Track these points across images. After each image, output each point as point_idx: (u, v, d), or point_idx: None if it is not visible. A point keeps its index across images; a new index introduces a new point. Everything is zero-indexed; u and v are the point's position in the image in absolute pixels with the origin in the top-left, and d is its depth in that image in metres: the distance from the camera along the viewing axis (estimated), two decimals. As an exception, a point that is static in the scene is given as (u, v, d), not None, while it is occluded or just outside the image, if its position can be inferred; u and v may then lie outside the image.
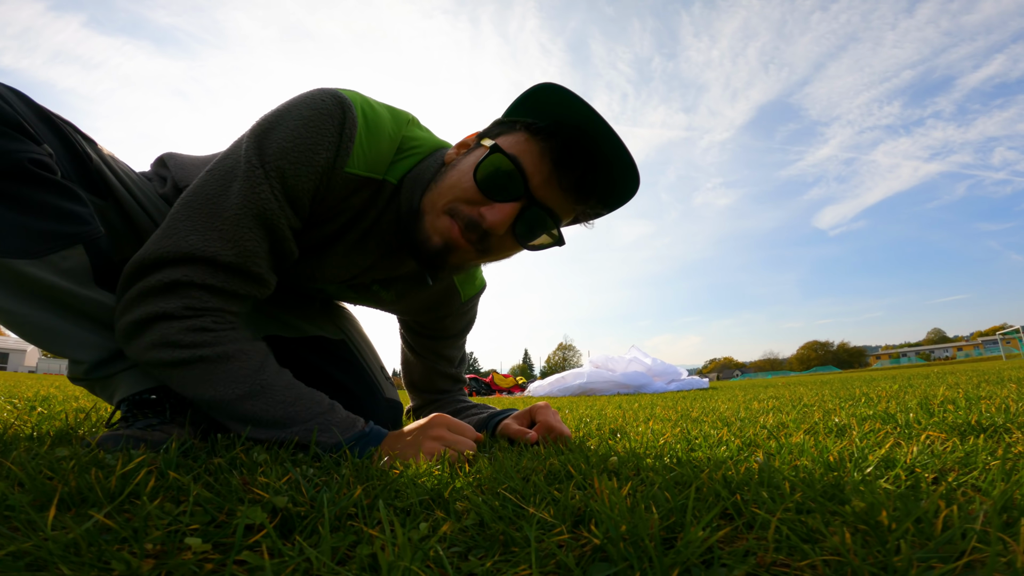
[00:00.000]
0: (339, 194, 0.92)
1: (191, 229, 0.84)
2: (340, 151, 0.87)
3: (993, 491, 0.52)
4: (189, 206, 0.86)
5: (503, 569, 0.41)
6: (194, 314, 0.85)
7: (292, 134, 0.84)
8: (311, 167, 0.85)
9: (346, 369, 1.28)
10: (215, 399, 0.84)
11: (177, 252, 0.83)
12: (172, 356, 0.83)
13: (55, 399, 2.04)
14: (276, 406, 0.85)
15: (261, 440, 0.86)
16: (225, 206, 0.84)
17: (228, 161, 0.87)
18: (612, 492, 0.54)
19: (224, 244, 0.84)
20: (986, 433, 0.94)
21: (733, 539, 0.46)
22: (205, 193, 0.86)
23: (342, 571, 0.39)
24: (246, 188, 0.84)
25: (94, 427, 1.14)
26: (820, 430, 1.12)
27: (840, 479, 0.60)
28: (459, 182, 0.89)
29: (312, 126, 0.85)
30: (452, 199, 0.89)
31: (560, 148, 0.88)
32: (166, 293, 0.84)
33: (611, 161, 0.88)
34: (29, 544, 0.40)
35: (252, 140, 0.86)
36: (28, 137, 0.79)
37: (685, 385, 6.48)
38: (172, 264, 0.84)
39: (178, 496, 0.55)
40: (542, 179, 0.88)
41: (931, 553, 0.39)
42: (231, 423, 0.87)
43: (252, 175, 0.84)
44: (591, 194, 0.93)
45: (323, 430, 0.85)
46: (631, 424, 1.50)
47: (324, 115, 0.85)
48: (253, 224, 0.85)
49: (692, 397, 3.38)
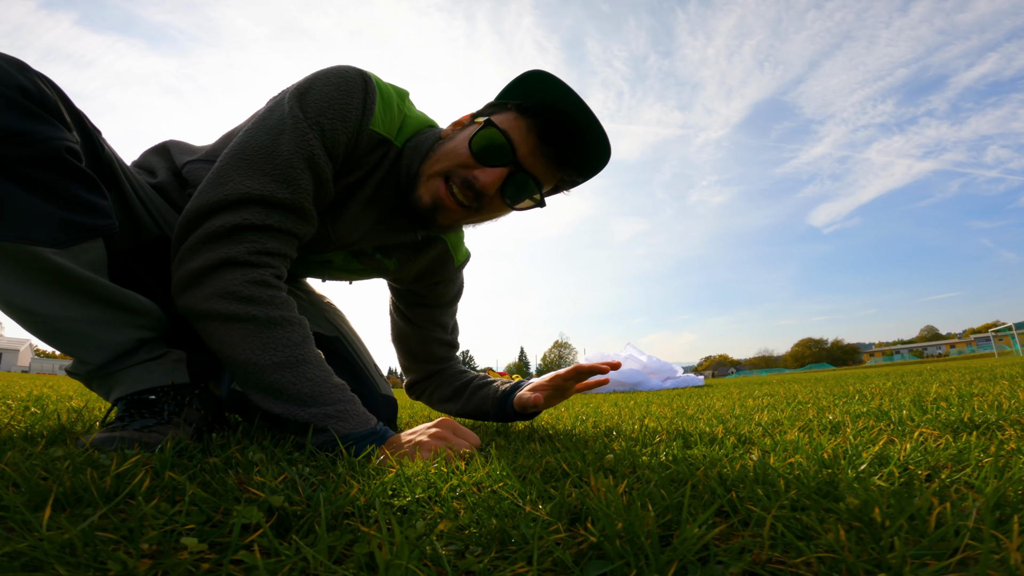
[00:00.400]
0: (363, 150, 1.03)
1: (246, 175, 0.91)
2: (366, 112, 0.99)
3: (986, 488, 0.53)
4: (239, 157, 0.93)
5: (500, 566, 0.41)
6: (256, 261, 0.91)
7: (328, 95, 0.95)
8: (345, 123, 0.96)
9: (341, 365, 1.32)
10: (250, 361, 0.87)
11: (236, 195, 0.89)
12: (228, 309, 0.87)
13: (48, 399, 2.03)
14: (304, 382, 0.88)
15: (277, 414, 0.88)
16: (278, 153, 0.92)
17: (270, 119, 0.95)
18: (608, 490, 0.54)
19: (279, 185, 0.91)
20: (979, 430, 0.95)
21: (729, 536, 0.47)
22: (254, 145, 0.93)
23: (339, 570, 0.39)
24: (295, 137, 0.92)
25: (88, 427, 1.13)
26: (814, 427, 1.13)
27: (834, 476, 0.60)
28: (455, 150, 1.03)
29: (343, 89, 0.96)
30: (449, 164, 1.02)
31: (544, 125, 1.02)
32: (229, 237, 0.89)
33: (587, 137, 1.04)
34: (25, 544, 0.39)
35: (294, 100, 0.94)
36: (64, 125, 0.80)
37: (680, 383, 6.50)
38: (231, 208, 0.90)
39: (174, 496, 0.54)
40: (528, 150, 1.02)
41: (925, 550, 0.39)
42: (254, 392, 0.89)
43: (299, 127, 0.92)
44: (569, 164, 1.08)
45: (340, 418, 0.87)
46: (627, 422, 1.50)
47: (351, 82, 0.97)
48: (304, 166, 0.93)
49: (687, 394, 3.39)
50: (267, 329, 0.89)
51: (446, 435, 0.89)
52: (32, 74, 0.78)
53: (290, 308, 0.93)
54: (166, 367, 0.94)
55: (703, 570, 0.39)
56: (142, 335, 0.92)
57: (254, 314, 0.88)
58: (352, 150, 1.01)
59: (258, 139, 0.93)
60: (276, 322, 0.90)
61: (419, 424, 0.99)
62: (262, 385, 0.88)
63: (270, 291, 0.91)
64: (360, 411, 0.91)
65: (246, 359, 0.87)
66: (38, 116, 0.76)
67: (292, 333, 0.91)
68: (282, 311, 0.91)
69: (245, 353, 0.87)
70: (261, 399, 0.88)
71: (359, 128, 0.99)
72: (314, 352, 0.93)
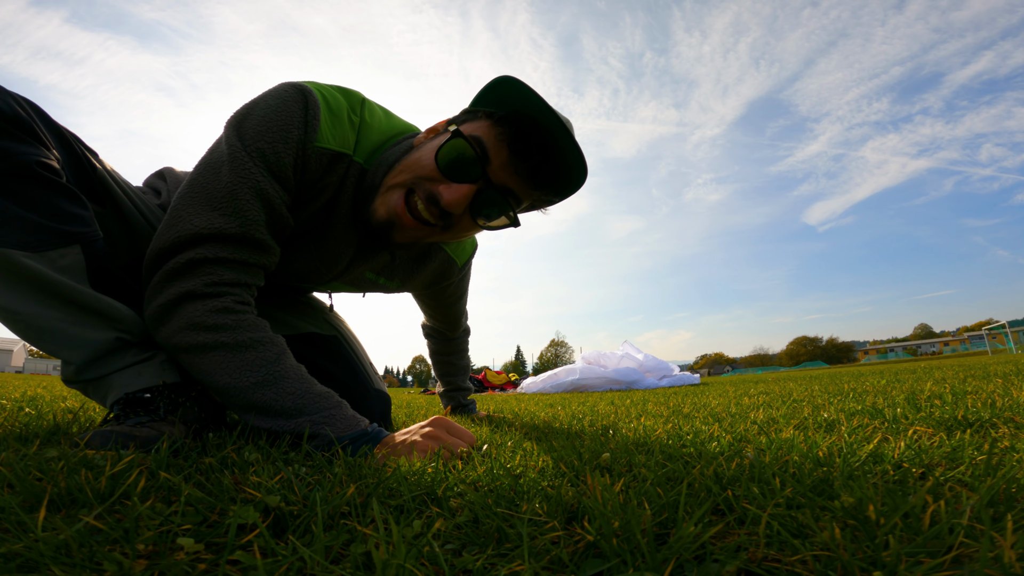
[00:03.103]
0: (315, 170, 0.99)
1: (194, 214, 0.90)
2: (308, 128, 0.95)
3: (980, 486, 0.53)
4: (187, 196, 0.92)
5: (497, 565, 0.41)
6: (215, 291, 0.91)
7: (264, 118, 0.93)
8: (287, 144, 0.93)
9: (339, 363, 1.36)
10: (230, 385, 0.88)
11: (186, 234, 0.90)
12: (198, 339, 0.89)
13: (43, 399, 2.02)
14: (287, 396, 0.89)
15: (266, 429, 0.88)
16: (219, 187, 0.91)
17: (213, 154, 0.94)
18: (605, 488, 0.54)
19: (226, 219, 0.91)
20: (972, 428, 0.96)
21: (725, 535, 0.47)
22: (199, 183, 0.92)
23: (336, 570, 0.39)
24: (235, 168, 0.91)
25: (83, 428, 1.13)
26: (809, 425, 1.13)
27: (829, 474, 0.60)
28: (420, 161, 0.97)
29: (281, 110, 0.93)
30: (413, 176, 0.97)
31: (516, 136, 0.95)
32: (186, 273, 0.90)
33: (565, 154, 0.97)
34: (20, 545, 0.39)
35: (231, 130, 0.93)
36: (39, 143, 0.84)
37: (676, 381, 6.51)
38: (184, 247, 0.90)
39: (169, 496, 0.54)
40: (500, 163, 0.96)
41: (919, 548, 0.39)
42: (241, 412, 0.90)
43: (237, 157, 0.91)
44: (545, 183, 1.01)
45: (329, 423, 0.88)
46: (623, 420, 1.51)
47: (289, 100, 0.94)
48: (249, 196, 0.91)
49: (683, 393, 3.40)
50: (239, 352, 0.90)
51: (440, 434, 0.89)
52: (8, 97, 0.83)
53: (259, 328, 0.93)
54: (156, 368, 0.94)
55: (699, 568, 0.39)
56: (120, 335, 0.92)
57: (223, 340, 0.89)
58: (303, 171, 0.97)
59: (203, 175, 0.92)
60: (246, 344, 0.90)
61: (416, 422, 0.99)
62: (247, 405, 0.89)
63: (234, 316, 0.91)
64: (348, 415, 0.91)
65: (226, 383, 0.88)
66: (10, 134, 0.81)
67: (265, 352, 0.91)
68: (251, 333, 0.92)
69: (224, 378, 0.88)
70: (250, 417, 0.89)
71: (303, 146, 0.95)
72: (291, 366, 0.93)
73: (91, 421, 1.22)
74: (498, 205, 0.99)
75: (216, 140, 0.98)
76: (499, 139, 0.95)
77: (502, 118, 0.96)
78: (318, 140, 0.95)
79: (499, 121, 0.96)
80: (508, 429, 1.38)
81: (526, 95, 0.93)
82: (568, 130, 0.93)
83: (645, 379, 6.23)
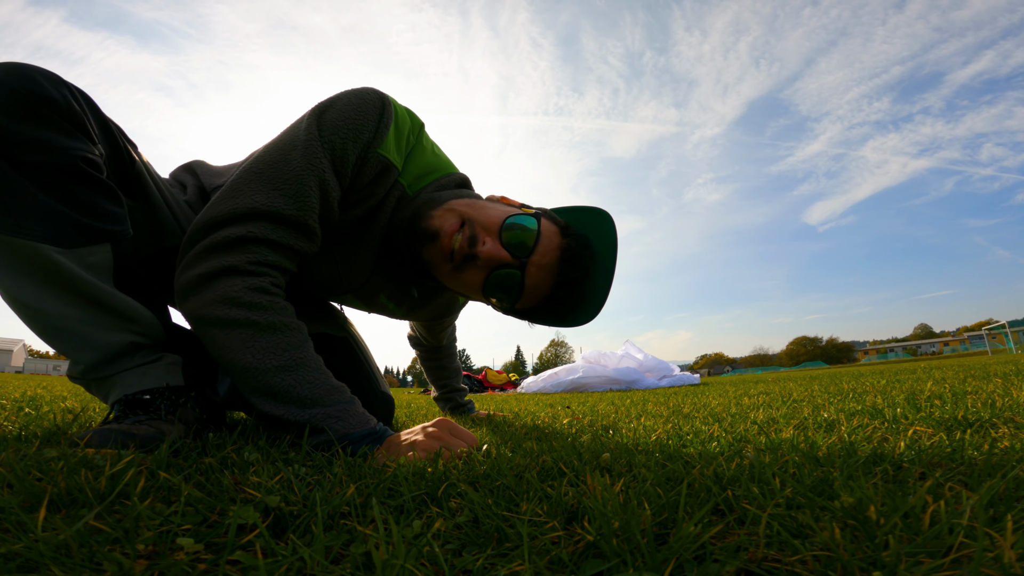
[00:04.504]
0: (367, 175, 1.03)
1: (256, 190, 0.93)
2: (378, 133, 1.00)
3: (980, 486, 0.53)
4: (251, 173, 0.95)
5: (497, 565, 0.41)
6: (256, 270, 0.92)
7: (343, 114, 0.97)
8: (356, 142, 0.97)
9: (348, 364, 1.37)
10: (250, 365, 0.88)
11: (244, 208, 0.91)
12: (228, 314, 0.89)
13: (42, 399, 2.02)
14: (304, 385, 0.89)
15: (277, 416, 0.88)
16: (287, 169, 0.94)
17: (287, 137, 0.97)
18: (605, 488, 0.54)
19: (286, 200, 0.93)
20: (972, 428, 0.95)
21: (725, 535, 0.47)
22: (267, 161, 0.95)
23: (336, 570, 0.39)
24: (307, 154, 0.94)
25: (83, 427, 1.13)
26: (809, 425, 1.13)
27: (829, 474, 0.60)
28: (487, 211, 1.03)
29: (360, 109, 0.98)
30: (475, 216, 1.02)
31: (569, 257, 1.02)
32: (232, 248, 0.91)
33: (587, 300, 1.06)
34: (20, 545, 0.39)
35: (312, 119, 0.97)
36: (87, 138, 0.85)
37: (677, 381, 6.51)
38: (239, 220, 0.92)
39: (169, 496, 0.54)
40: (541, 260, 1.02)
41: (919, 548, 0.39)
42: (254, 396, 0.90)
43: (311, 145, 0.94)
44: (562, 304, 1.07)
45: (340, 418, 0.88)
46: (623, 420, 1.51)
47: (368, 102, 0.99)
48: (313, 183, 0.95)
49: (683, 393, 3.40)
50: (266, 334, 0.89)
51: (442, 435, 0.89)
52: (63, 87, 0.83)
53: (288, 313, 0.94)
54: (160, 370, 0.95)
55: (699, 568, 0.39)
56: (135, 339, 0.93)
57: (254, 319, 0.89)
58: (358, 173, 1.01)
59: (271, 155, 0.96)
60: (275, 327, 0.91)
61: (417, 423, 0.99)
62: (262, 389, 0.88)
63: (269, 297, 0.92)
64: (360, 412, 0.92)
65: (246, 363, 0.88)
66: (61, 128, 0.82)
67: (291, 337, 0.92)
68: (281, 316, 0.92)
69: (245, 357, 0.88)
70: (262, 402, 0.89)
71: (367, 148, 0.99)
72: (313, 355, 0.93)
73: (91, 421, 1.23)
74: (509, 292, 1.04)
75: (292, 124, 1.01)
76: (558, 247, 1.03)
77: (573, 234, 1.05)
78: (381, 147, 1.00)
79: (567, 234, 1.04)
80: (508, 429, 1.38)
81: (605, 231, 1.05)
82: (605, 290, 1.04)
83: (645, 379, 6.22)
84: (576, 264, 1.02)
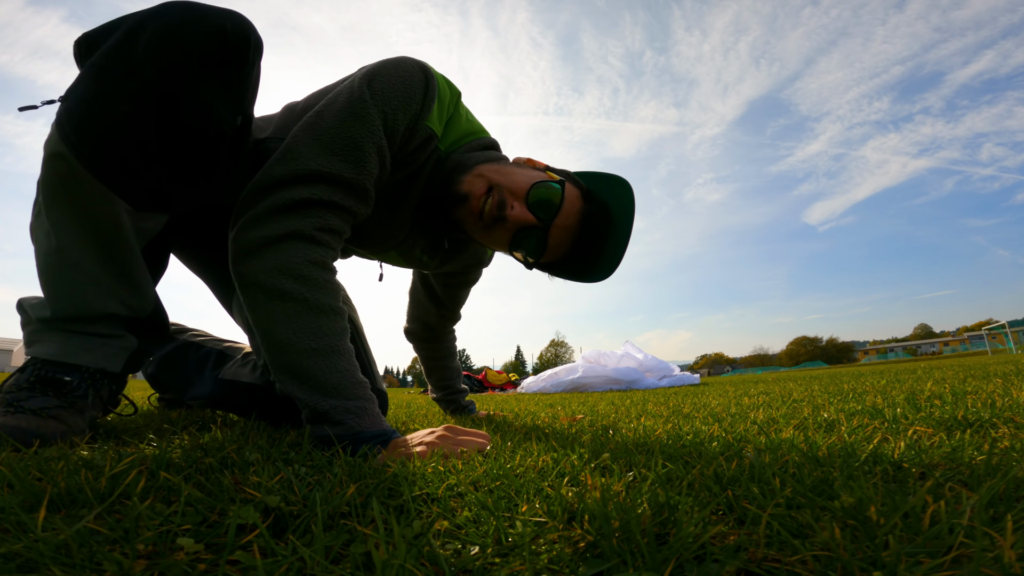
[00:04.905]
0: (412, 144, 1.06)
1: (316, 153, 0.94)
2: (425, 107, 1.04)
3: (980, 486, 0.53)
4: (308, 136, 0.96)
5: (497, 564, 0.41)
6: (319, 238, 0.93)
7: (393, 84, 0.99)
8: (406, 113, 1.01)
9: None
10: (288, 342, 0.88)
11: (304, 170, 0.92)
12: (282, 285, 0.88)
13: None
14: (333, 373, 0.89)
15: (298, 398, 0.89)
16: (345, 135, 0.95)
17: (341, 100, 0.98)
18: (605, 488, 0.54)
19: (346, 164, 0.95)
20: (972, 428, 0.95)
21: (725, 535, 0.47)
22: (324, 125, 0.96)
23: (336, 570, 0.39)
24: (365, 119, 0.96)
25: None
26: (809, 425, 1.13)
27: (829, 474, 0.60)
28: (514, 176, 1.09)
29: (408, 82, 1.01)
30: (502, 181, 1.08)
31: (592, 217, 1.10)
32: (297, 210, 0.92)
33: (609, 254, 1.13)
34: (20, 546, 0.39)
35: (363, 85, 0.98)
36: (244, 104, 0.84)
37: (676, 381, 6.51)
38: (301, 182, 0.92)
39: (169, 496, 0.54)
40: (564, 223, 1.09)
41: (919, 548, 0.39)
42: (280, 372, 0.90)
43: (368, 110, 0.96)
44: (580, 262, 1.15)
45: (358, 415, 0.88)
46: (623, 420, 1.51)
47: (415, 76, 1.02)
48: (371, 148, 0.97)
49: (683, 393, 3.40)
50: (312, 314, 0.90)
51: (449, 437, 0.90)
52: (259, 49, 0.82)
53: (338, 296, 0.95)
54: (106, 350, 0.95)
55: (699, 568, 0.39)
56: (116, 310, 0.94)
57: (305, 296, 0.89)
58: (406, 142, 1.05)
59: (329, 119, 0.96)
60: (323, 309, 0.91)
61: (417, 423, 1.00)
62: (292, 367, 0.88)
63: (326, 275, 0.93)
64: (376, 412, 0.92)
65: (284, 339, 0.88)
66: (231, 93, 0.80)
67: (335, 323, 0.92)
68: (331, 299, 0.93)
69: (285, 333, 0.88)
70: (286, 380, 0.89)
71: (416, 120, 1.03)
72: (348, 345, 0.94)
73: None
74: (533, 249, 1.12)
75: (343, 90, 1.01)
76: (579, 211, 1.10)
77: (594, 199, 1.12)
78: (428, 120, 1.05)
79: (588, 199, 1.11)
80: (508, 429, 1.38)
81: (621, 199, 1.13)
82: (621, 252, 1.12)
83: (645, 379, 6.22)
84: (595, 228, 1.11)
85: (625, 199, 1.14)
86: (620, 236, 1.12)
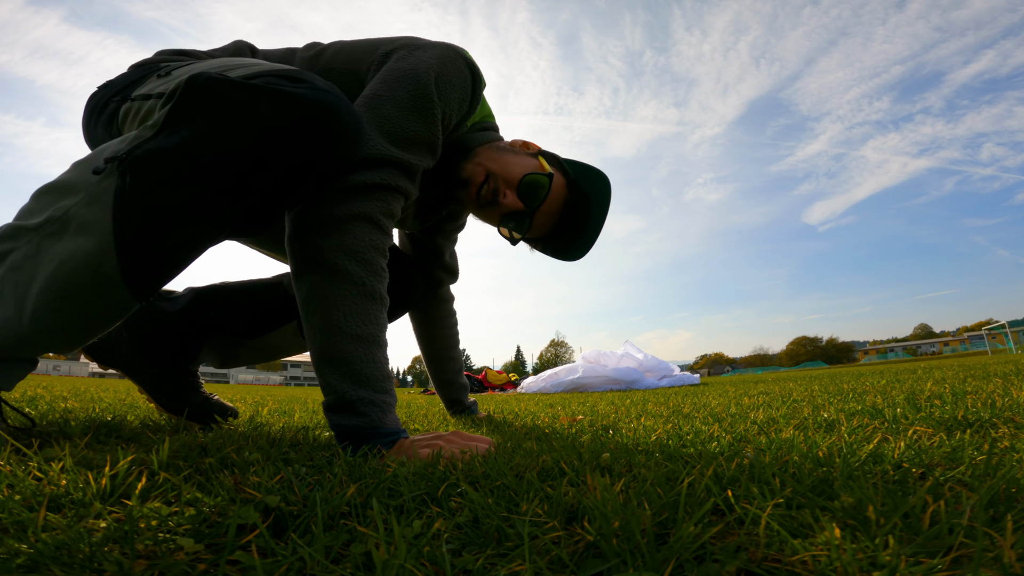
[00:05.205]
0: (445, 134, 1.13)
1: (385, 138, 0.99)
2: (471, 109, 1.18)
3: (980, 486, 0.53)
4: (377, 121, 0.99)
5: (497, 564, 0.41)
6: (384, 225, 0.98)
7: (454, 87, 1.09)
8: (458, 114, 1.14)
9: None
10: (336, 323, 0.89)
11: (378, 155, 0.97)
12: (345, 266, 0.91)
13: (42, 399, 2.02)
14: (369, 363, 0.90)
15: (326, 383, 0.89)
16: (409, 127, 1.01)
17: (405, 88, 1.03)
18: (605, 488, 0.54)
19: (410, 154, 1.01)
20: (972, 428, 0.95)
21: (725, 534, 0.47)
22: (390, 114, 1.00)
23: (336, 569, 0.39)
24: (428, 118, 1.03)
25: (83, 428, 1.13)
26: (809, 425, 1.13)
27: (829, 474, 0.60)
28: (509, 166, 1.21)
29: (463, 87, 1.11)
30: (497, 170, 1.20)
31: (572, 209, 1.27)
32: (369, 193, 0.96)
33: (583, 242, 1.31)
34: (20, 545, 0.39)
35: (431, 83, 1.04)
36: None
37: (676, 381, 6.50)
38: (373, 166, 0.97)
39: (169, 496, 0.54)
40: (548, 211, 1.24)
41: (919, 548, 0.39)
42: (318, 353, 0.91)
43: (432, 111, 1.04)
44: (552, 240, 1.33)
45: (383, 410, 0.89)
46: (623, 420, 1.51)
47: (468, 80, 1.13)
48: (430, 141, 1.05)
49: (683, 393, 3.40)
50: (366, 300, 0.92)
51: (457, 443, 0.89)
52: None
53: (386, 284, 0.98)
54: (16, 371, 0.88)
55: (699, 568, 0.39)
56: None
57: (363, 279, 0.92)
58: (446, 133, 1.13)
59: (394, 108, 1.01)
60: (375, 296, 0.94)
61: (417, 423, 1.00)
62: (332, 350, 0.89)
63: (383, 262, 0.97)
64: (393, 411, 0.93)
65: (333, 319, 0.89)
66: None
67: (380, 313, 0.95)
68: (384, 288, 0.96)
69: (335, 314, 0.89)
70: (322, 362, 0.90)
71: (463, 119, 1.17)
72: (386, 338, 0.96)
73: (92, 421, 1.22)
74: (519, 229, 1.26)
75: (406, 76, 1.04)
76: (563, 200, 1.25)
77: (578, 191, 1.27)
78: (471, 120, 1.21)
79: (572, 190, 1.26)
80: (508, 429, 1.38)
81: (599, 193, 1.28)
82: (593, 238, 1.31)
83: (645, 379, 6.22)
84: (575, 217, 1.27)
85: (603, 193, 1.28)
86: (595, 225, 1.28)
